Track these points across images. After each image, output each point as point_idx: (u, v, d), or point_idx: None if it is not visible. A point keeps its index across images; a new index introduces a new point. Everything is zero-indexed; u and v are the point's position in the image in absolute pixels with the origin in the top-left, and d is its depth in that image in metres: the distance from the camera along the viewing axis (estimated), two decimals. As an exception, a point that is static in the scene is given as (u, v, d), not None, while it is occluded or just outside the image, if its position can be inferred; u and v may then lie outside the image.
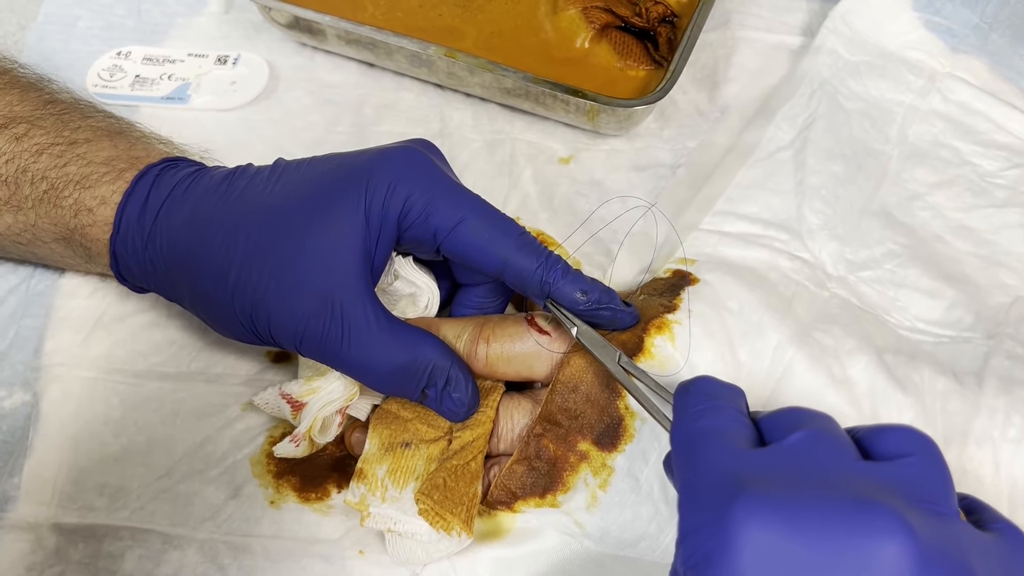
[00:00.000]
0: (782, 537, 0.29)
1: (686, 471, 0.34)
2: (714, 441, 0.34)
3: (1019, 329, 0.52)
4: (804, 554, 0.29)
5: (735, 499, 0.30)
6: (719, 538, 0.30)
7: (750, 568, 0.29)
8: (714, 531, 0.30)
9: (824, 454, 0.32)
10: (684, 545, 0.31)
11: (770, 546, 0.29)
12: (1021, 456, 0.46)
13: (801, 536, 0.29)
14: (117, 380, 0.52)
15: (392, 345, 0.44)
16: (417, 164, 0.45)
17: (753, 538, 0.29)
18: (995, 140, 0.62)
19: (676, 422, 0.37)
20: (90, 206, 0.48)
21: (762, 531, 0.29)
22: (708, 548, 0.30)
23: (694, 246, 0.55)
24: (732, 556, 0.29)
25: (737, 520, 0.29)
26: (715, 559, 0.29)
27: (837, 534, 0.29)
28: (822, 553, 0.29)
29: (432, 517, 0.43)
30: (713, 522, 0.30)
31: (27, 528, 0.47)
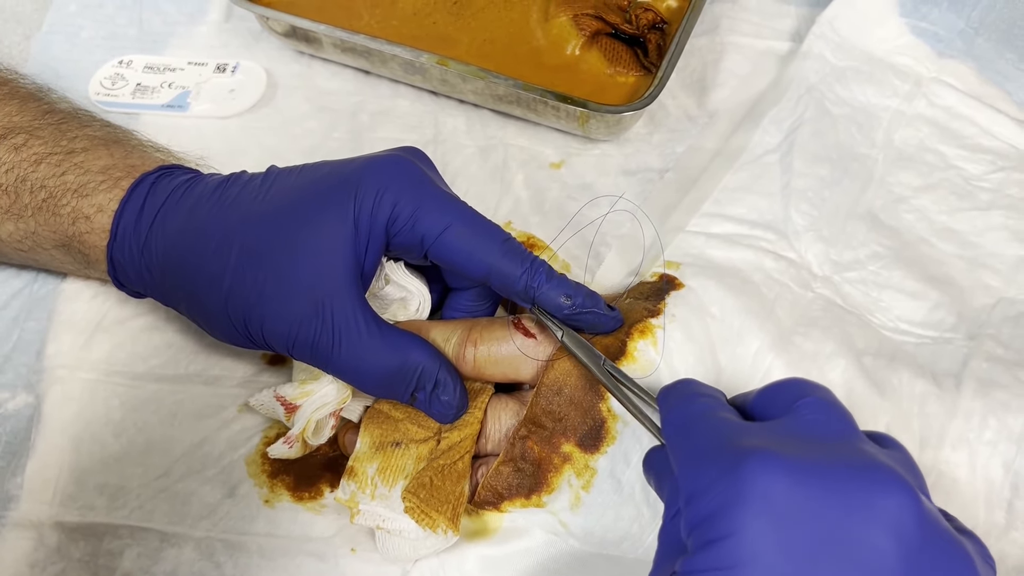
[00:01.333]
0: (792, 487, 0.30)
1: (686, 446, 0.35)
2: (712, 418, 0.36)
3: (1001, 330, 0.53)
4: (813, 503, 0.30)
5: (745, 456, 0.31)
6: (731, 490, 0.30)
7: (763, 515, 0.29)
8: (725, 485, 0.31)
9: (823, 425, 0.34)
10: (690, 508, 0.32)
11: (781, 495, 0.30)
12: (997, 458, 0.46)
13: (810, 487, 0.30)
14: (117, 382, 0.53)
15: (381, 350, 0.45)
16: (405, 172, 0.45)
17: (765, 488, 0.30)
18: (980, 144, 0.62)
19: (669, 411, 0.38)
20: (87, 214, 0.48)
21: (773, 482, 0.30)
22: (719, 501, 0.31)
23: (680, 248, 0.55)
24: (745, 505, 0.30)
25: (749, 472, 0.30)
26: (727, 509, 0.30)
27: (844, 486, 0.30)
28: (830, 502, 0.30)
29: (418, 515, 0.44)
30: (723, 478, 0.31)
31: (30, 526, 0.48)
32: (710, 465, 0.32)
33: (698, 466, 0.33)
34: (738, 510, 0.30)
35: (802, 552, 0.29)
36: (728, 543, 0.30)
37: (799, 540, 0.29)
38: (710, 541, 0.30)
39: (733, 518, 0.30)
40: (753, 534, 0.29)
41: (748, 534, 0.29)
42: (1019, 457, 0.46)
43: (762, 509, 0.30)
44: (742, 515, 0.30)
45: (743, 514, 0.30)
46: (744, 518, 0.30)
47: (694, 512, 0.32)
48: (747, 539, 0.29)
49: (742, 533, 0.30)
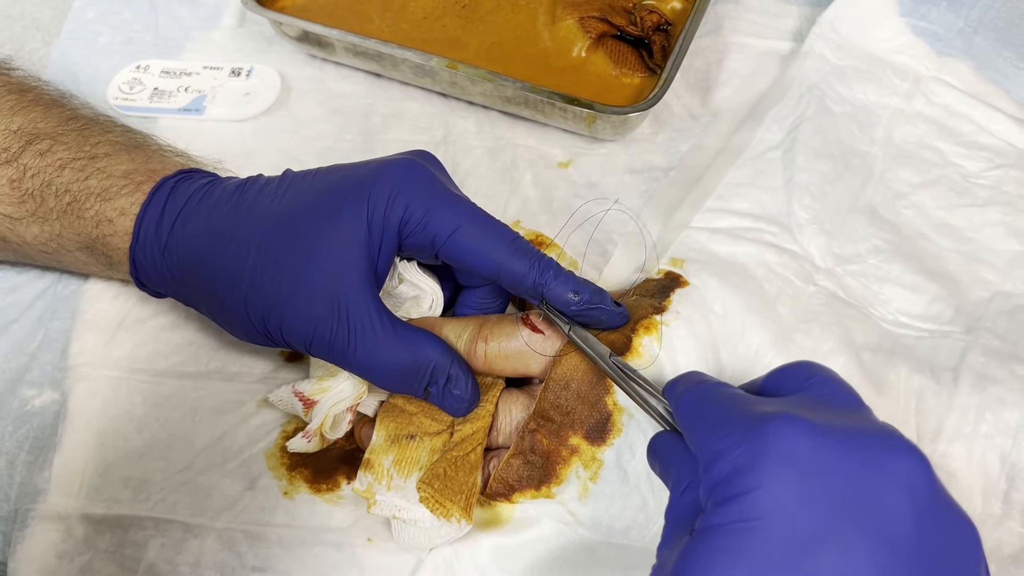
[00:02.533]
0: (814, 445, 0.31)
1: (704, 419, 0.35)
2: (727, 393, 0.37)
3: (997, 323, 0.54)
4: (835, 460, 0.31)
5: (769, 418, 0.32)
6: (756, 448, 0.31)
7: (788, 469, 0.30)
8: (749, 444, 0.32)
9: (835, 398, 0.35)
10: (711, 470, 0.32)
11: (804, 452, 0.31)
12: (993, 451, 0.47)
13: (831, 446, 0.31)
14: (140, 379, 0.54)
15: (395, 346, 0.45)
16: (416, 175, 0.46)
17: (789, 445, 0.31)
18: (978, 142, 0.63)
19: (682, 393, 0.38)
20: (110, 217, 0.49)
21: (797, 440, 0.31)
22: (743, 459, 0.31)
23: (685, 243, 0.55)
24: (770, 461, 0.31)
25: (773, 430, 0.31)
26: (751, 466, 0.31)
27: (862, 447, 0.31)
28: (851, 461, 0.31)
29: (432, 504, 0.45)
30: (746, 438, 0.32)
31: (57, 518, 0.48)
32: (731, 430, 0.33)
33: (718, 432, 0.33)
34: (763, 466, 0.31)
35: (825, 505, 0.30)
36: (752, 496, 0.30)
37: (822, 494, 0.30)
38: (733, 496, 0.31)
39: (758, 473, 0.31)
40: (779, 487, 0.30)
41: (774, 487, 0.30)
42: (1015, 450, 0.47)
43: (787, 464, 0.30)
44: (768, 470, 0.31)
45: (769, 469, 0.31)
46: (770, 472, 0.31)
47: (715, 472, 0.32)
48: (773, 491, 0.30)
49: (768, 486, 0.30)
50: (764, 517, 0.30)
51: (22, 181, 0.50)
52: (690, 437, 0.36)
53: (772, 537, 0.30)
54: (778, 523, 0.30)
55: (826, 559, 0.29)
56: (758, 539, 0.30)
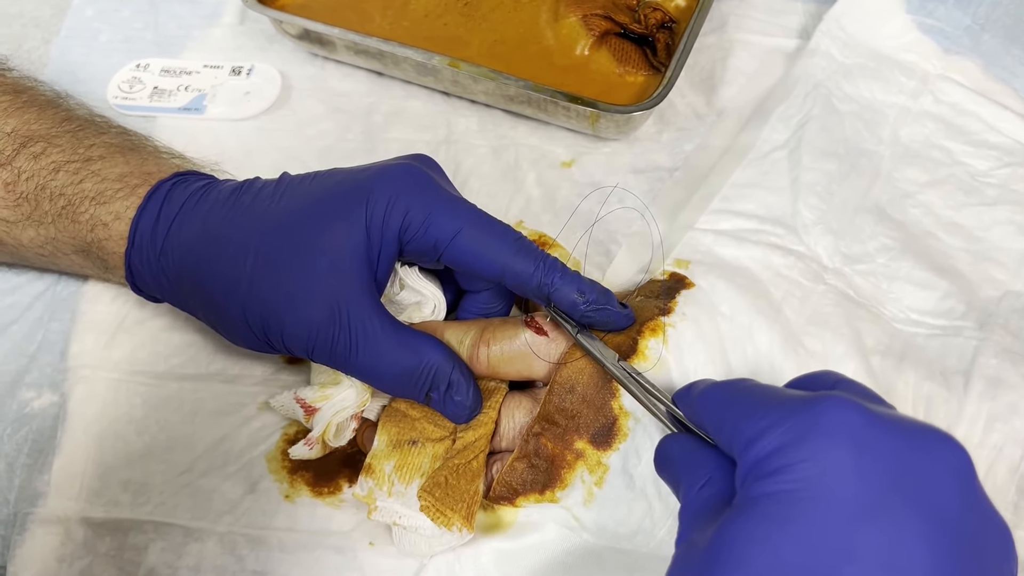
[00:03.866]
0: (866, 424, 0.30)
1: (737, 407, 0.35)
2: (757, 384, 0.36)
3: (1009, 320, 0.53)
4: (887, 439, 0.30)
5: (818, 398, 0.32)
6: (806, 422, 0.31)
7: (842, 442, 0.30)
8: (798, 420, 0.31)
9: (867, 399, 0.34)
10: (752, 448, 0.32)
11: (857, 428, 0.30)
12: (1003, 461, 0.47)
13: (882, 428, 0.31)
14: (139, 381, 0.54)
15: (396, 350, 0.45)
16: (415, 180, 0.46)
17: (842, 420, 0.30)
18: (986, 140, 0.62)
19: (704, 391, 0.38)
20: (105, 221, 0.49)
21: (849, 417, 0.31)
22: (792, 434, 0.31)
23: (690, 245, 0.55)
24: (822, 434, 0.30)
25: (825, 407, 0.31)
26: (802, 439, 0.30)
27: (913, 432, 0.31)
28: (902, 443, 0.30)
29: (433, 513, 0.45)
30: (794, 415, 0.31)
31: (57, 522, 0.48)
32: (772, 411, 0.32)
33: (756, 415, 0.33)
34: (814, 439, 0.30)
35: (877, 479, 0.29)
36: (803, 467, 0.30)
37: (874, 468, 0.30)
38: (781, 467, 0.30)
39: (809, 445, 0.30)
40: (832, 458, 0.30)
41: (827, 458, 0.30)
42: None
43: (840, 438, 0.30)
44: (819, 443, 0.30)
45: (820, 442, 0.30)
46: (822, 445, 0.30)
47: (758, 449, 0.32)
48: (825, 463, 0.30)
49: (819, 458, 0.30)
50: (816, 487, 0.29)
51: (16, 184, 0.50)
52: (719, 426, 0.36)
53: (824, 506, 0.29)
54: (831, 493, 0.29)
55: (878, 531, 0.28)
56: (810, 508, 0.29)
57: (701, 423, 0.38)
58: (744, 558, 0.29)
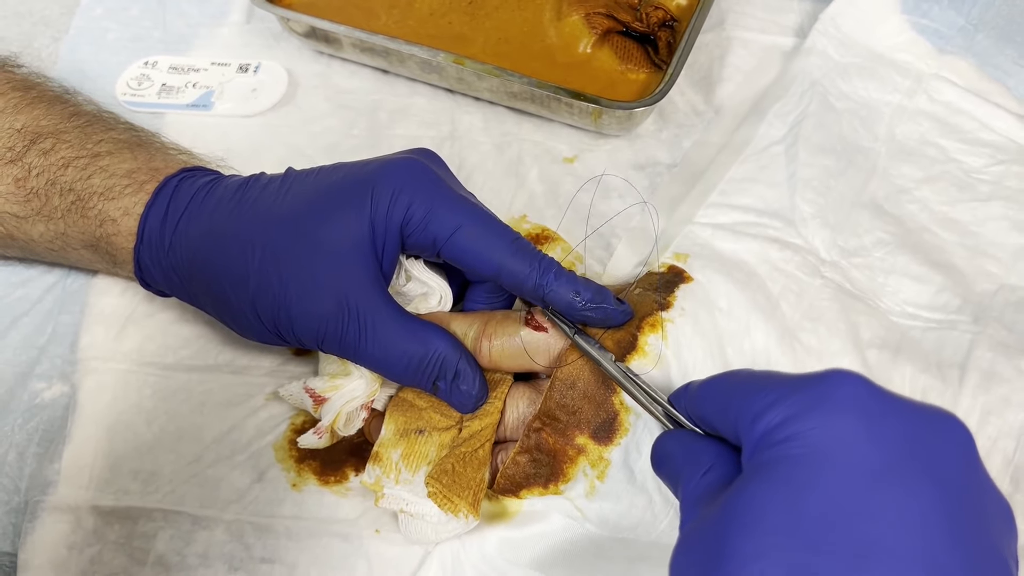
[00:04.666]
0: (875, 397, 0.31)
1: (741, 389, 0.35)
2: (758, 371, 0.36)
3: (1004, 314, 0.54)
4: (896, 412, 0.31)
5: (826, 373, 0.32)
6: (816, 393, 0.31)
7: (853, 411, 0.30)
8: (807, 392, 0.31)
9: None
10: (760, 420, 0.32)
11: (866, 400, 0.31)
12: (997, 453, 0.48)
13: (890, 402, 0.31)
14: (149, 372, 0.54)
15: (405, 339, 0.46)
16: (419, 174, 0.46)
17: (852, 391, 0.31)
18: (980, 138, 0.63)
19: (705, 383, 0.38)
20: (114, 216, 0.50)
21: (858, 389, 0.31)
22: (798, 407, 0.31)
23: (688, 238, 0.56)
24: (833, 403, 0.31)
25: (834, 379, 0.31)
26: (809, 410, 0.31)
27: (919, 408, 0.31)
28: (909, 416, 0.31)
29: (440, 500, 0.45)
30: (803, 388, 0.32)
31: (67, 510, 0.49)
32: (777, 388, 0.32)
33: (761, 393, 0.33)
34: (824, 408, 0.31)
35: (888, 446, 0.30)
36: (814, 433, 0.30)
37: (884, 436, 0.30)
38: (792, 435, 0.31)
39: (819, 414, 0.31)
40: (842, 425, 0.30)
41: (837, 425, 0.30)
42: (1019, 451, 0.48)
43: (850, 407, 0.30)
44: (829, 412, 0.31)
45: (830, 411, 0.31)
46: (832, 413, 0.30)
47: (767, 421, 0.32)
48: (836, 429, 0.30)
49: (830, 425, 0.30)
50: (828, 451, 0.30)
51: (27, 180, 0.50)
52: (723, 409, 0.36)
53: (838, 468, 0.29)
54: (843, 456, 0.30)
55: (891, 495, 0.29)
56: (824, 469, 0.29)
57: (702, 414, 0.38)
58: (760, 516, 0.29)
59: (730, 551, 0.29)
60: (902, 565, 0.27)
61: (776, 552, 0.28)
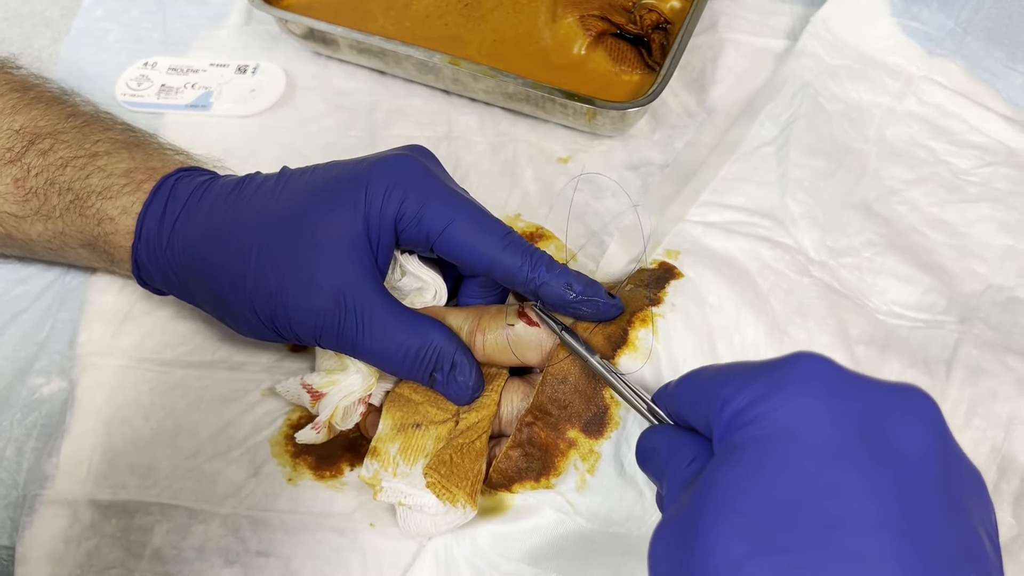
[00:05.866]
0: (839, 377, 0.31)
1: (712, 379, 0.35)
2: (732, 362, 0.36)
3: (990, 314, 0.54)
4: (860, 391, 0.31)
5: (788, 356, 0.32)
6: (775, 378, 0.31)
7: (816, 391, 0.30)
8: (772, 375, 0.31)
9: None
10: (729, 404, 0.32)
11: (830, 379, 0.31)
12: (985, 443, 0.48)
13: (855, 381, 0.31)
14: (146, 368, 0.55)
15: (401, 331, 0.46)
16: (412, 170, 0.47)
17: (815, 371, 0.31)
18: (968, 140, 0.64)
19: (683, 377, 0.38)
20: (112, 215, 0.50)
21: (822, 369, 0.31)
22: (763, 388, 0.31)
23: (679, 236, 0.56)
24: (796, 384, 0.31)
25: (798, 361, 0.32)
26: (774, 391, 0.31)
27: (885, 386, 0.31)
28: (875, 394, 0.31)
29: (439, 490, 0.45)
30: (764, 374, 0.32)
31: (65, 504, 0.49)
32: (746, 372, 0.33)
33: (730, 378, 0.33)
34: (788, 389, 0.31)
35: (852, 423, 0.30)
36: (779, 413, 0.30)
37: (849, 413, 0.30)
38: (757, 416, 0.31)
39: (783, 395, 0.31)
40: (806, 404, 0.30)
41: (801, 404, 0.30)
42: (1006, 441, 0.48)
43: (813, 387, 0.30)
44: (793, 391, 0.31)
45: (794, 390, 0.31)
46: (795, 393, 0.31)
47: (734, 405, 0.32)
48: (800, 408, 0.30)
49: (794, 404, 0.30)
50: (792, 430, 0.30)
51: (26, 180, 0.51)
52: (694, 401, 0.36)
53: (801, 447, 0.29)
54: (807, 434, 0.30)
55: (855, 470, 0.29)
56: (788, 448, 0.30)
57: (678, 409, 0.38)
58: (728, 498, 0.30)
59: (702, 532, 0.29)
60: (869, 538, 0.27)
61: (745, 531, 0.28)
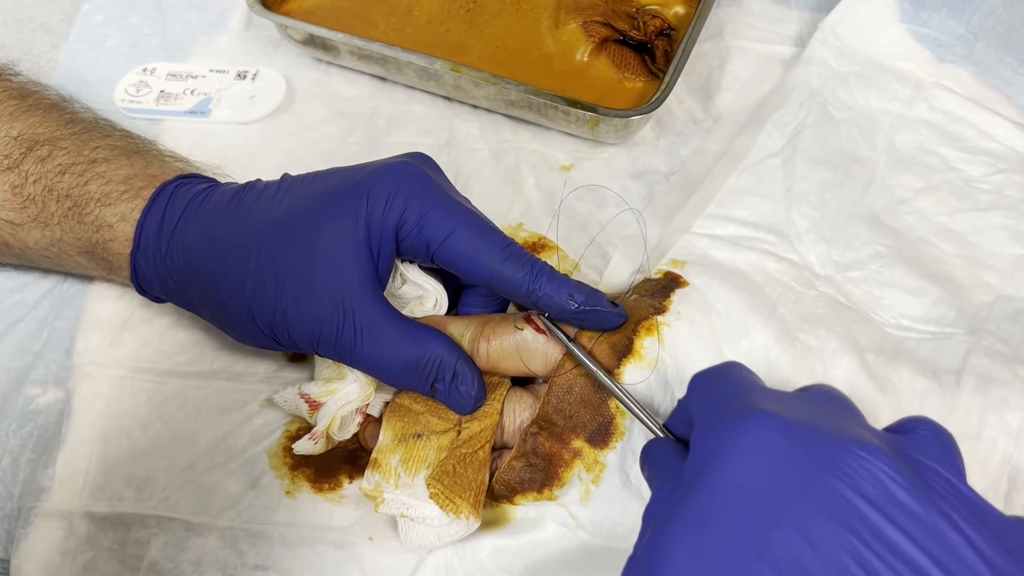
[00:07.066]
0: (779, 442, 0.32)
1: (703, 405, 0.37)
2: (734, 378, 0.38)
3: (1000, 326, 0.54)
4: (797, 456, 0.31)
5: (745, 413, 0.33)
6: (725, 437, 0.33)
7: (749, 458, 0.32)
8: (721, 434, 0.33)
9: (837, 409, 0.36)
10: (691, 457, 0.34)
11: (767, 446, 0.32)
12: (996, 453, 0.47)
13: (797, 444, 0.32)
14: (144, 378, 0.54)
15: (401, 342, 0.46)
16: (414, 178, 0.46)
17: (754, 438, 0.32)
18: (979, 147, 0.63)
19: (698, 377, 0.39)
20: (111, 222, 0.50)
21: (763, 434, 0.32)
22: (714, 447, 0.33)
23: (684, 248, 0.56)
24: (734, 450, 0.32)
25: (744, 424, 0.33)
26: (718, 453, 0.32)
27: (827, 447, 0.31)
28: (812, 457, 0.31)
29: (442, 501, 0.45)
30: (722, 428, 0.33)
31: (61, 516, 0.49)
32: (717, 419, 0.34)
33: (708, 420, 0.35)
34: (729, 453, 0.32)
35: (782, 489, 0.31)
36: (717, 477, 0.32)
37: (780, 479, 0.31)
38: (699, 477, 0.32)
39: (723, 459, 0.32)
40: (740, 470, 0.32)
41: (736, 469, 0.32)
42: (1016, 452, 0.47)
43: (751, 453, 0.32)
44: (731, 457, 0.32)
45: (732, 456, 0.32)
46: (733, 458, 0.32)
47: (693, 459, 0.34)
48: (734, 474, 0.32)
49: (730, 470, 0.32)
50: (722, 495, 0.31)
51: (24, 187, 0.50)
52: (648, 478, 0.39)
53: (730, 513, 0.31)
54: (736, 502, 0.31)
55: (786, 532, 0.30)
56: (716, 513, 0.31)
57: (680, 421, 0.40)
58: (668, 557, 0.31)
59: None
60: None
61: None
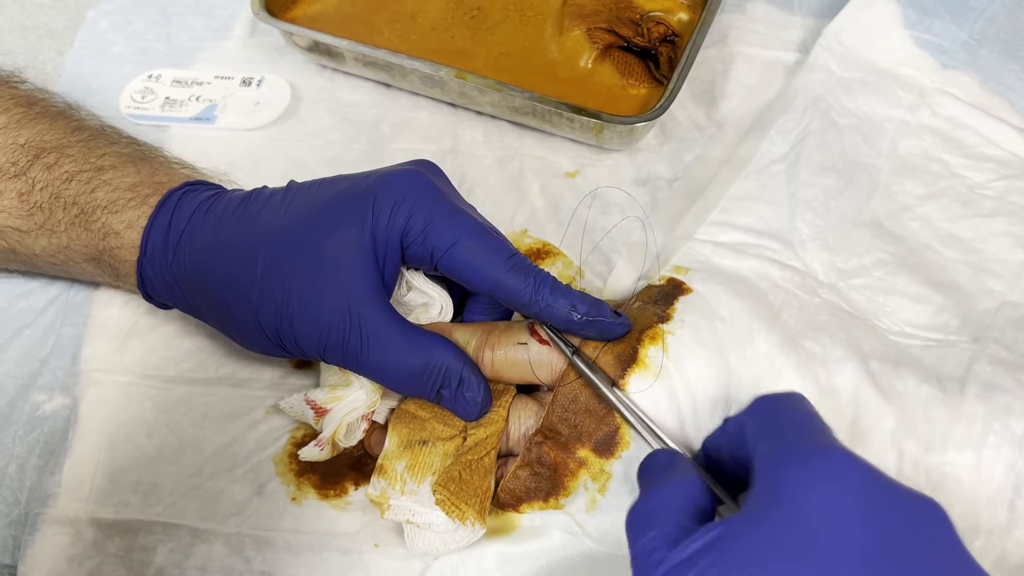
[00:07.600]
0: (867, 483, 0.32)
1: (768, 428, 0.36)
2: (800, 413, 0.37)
3: (1004, 333, 0.53)
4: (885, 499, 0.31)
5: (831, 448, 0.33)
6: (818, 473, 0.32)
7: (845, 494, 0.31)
8: (812, 465, 0.32)
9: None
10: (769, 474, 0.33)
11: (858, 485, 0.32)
12: (1000, 460, 0.47)
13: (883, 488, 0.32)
14: (150, 385, 0.54)
15: (407, 349, 0.46)
16: (419, 186, 0.46)
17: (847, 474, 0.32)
18: (983, 153, 0.63)
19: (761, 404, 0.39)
20: (117, 229, 0.50)
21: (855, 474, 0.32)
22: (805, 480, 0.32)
23: (688, 255, 0.56)
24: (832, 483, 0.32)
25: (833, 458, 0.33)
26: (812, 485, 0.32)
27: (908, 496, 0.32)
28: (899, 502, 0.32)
29: (448, 507, 0.45)
30: (811, 458, 0.33)
31: (67, 522, 0.49)
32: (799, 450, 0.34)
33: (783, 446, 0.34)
34: (824, 486, 0.32)
35: (877, 534, 0.30)
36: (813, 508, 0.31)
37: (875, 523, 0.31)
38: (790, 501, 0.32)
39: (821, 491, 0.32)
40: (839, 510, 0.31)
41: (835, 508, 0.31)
42: (1021, 459, 0.47)
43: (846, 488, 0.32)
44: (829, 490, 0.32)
45: (830, 489, 0.32)
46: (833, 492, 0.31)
47: (769, 480, 0.33)
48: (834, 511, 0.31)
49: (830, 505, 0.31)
50: (824, 531, 0.31)
51: (31, 194, 0.51)
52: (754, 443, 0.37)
53: (830, 551, 0.30)
54: (838, 540, 0.30)
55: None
56: (816, 547, 0.30)
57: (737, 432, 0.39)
58: None
59: None
60: None
61: None
